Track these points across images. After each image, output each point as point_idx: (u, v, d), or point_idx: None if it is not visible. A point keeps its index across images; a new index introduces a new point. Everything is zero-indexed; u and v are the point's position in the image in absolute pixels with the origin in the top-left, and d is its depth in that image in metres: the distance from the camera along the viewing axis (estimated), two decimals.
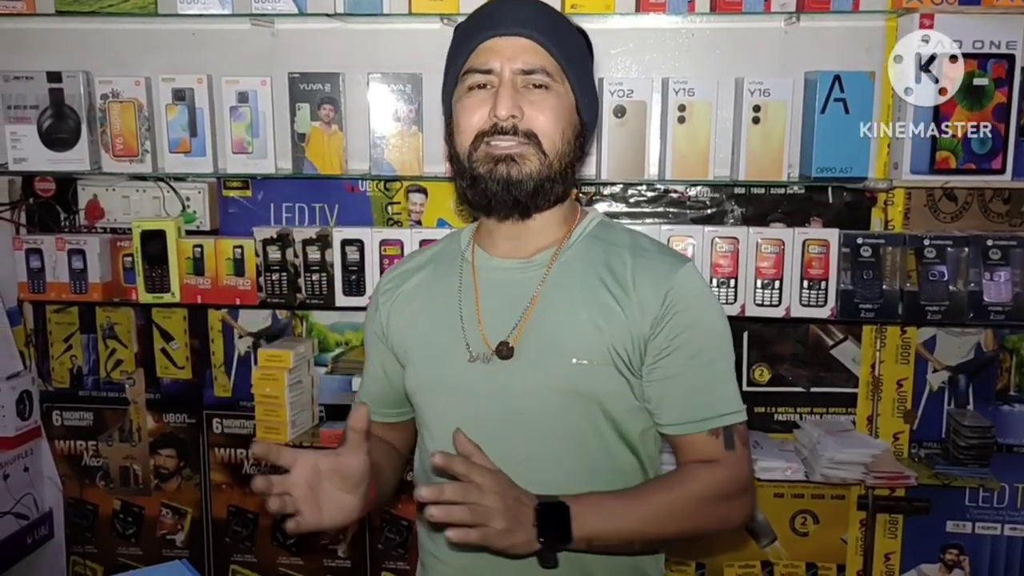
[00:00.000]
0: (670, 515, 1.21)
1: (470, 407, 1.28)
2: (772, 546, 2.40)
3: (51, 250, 2.30)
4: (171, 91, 2.20)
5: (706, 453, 1.25)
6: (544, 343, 1.25)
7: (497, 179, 1.22)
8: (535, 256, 1.32)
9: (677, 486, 1.23)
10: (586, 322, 1.25)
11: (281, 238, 2.23)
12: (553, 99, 1.23)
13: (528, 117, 1.22)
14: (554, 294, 1.28)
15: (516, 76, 1.22)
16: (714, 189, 2.27)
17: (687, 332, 1.24)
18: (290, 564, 2.58)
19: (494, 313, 1.30)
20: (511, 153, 1.22)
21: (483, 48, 1.23)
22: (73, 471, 2.61)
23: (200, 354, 2.52)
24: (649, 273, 1.26)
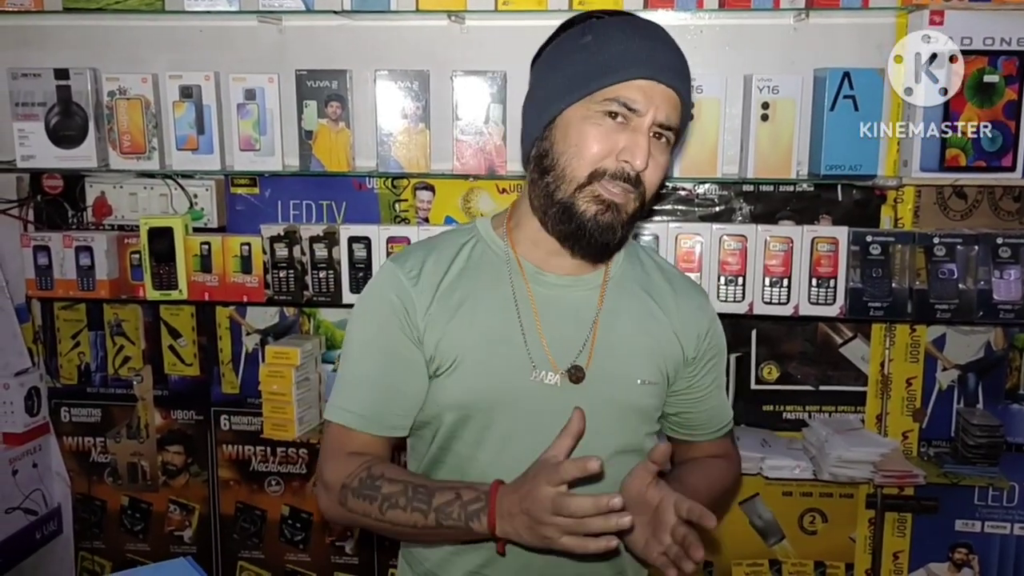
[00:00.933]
0: (706, 492, 1.34)
1: (534, 425, 1.25)
2: (780, 544, 2.39)
3: (59, 247, 2.31)
4: (178, 88, 2.20)
5: (719, 451, 1.48)
6: (612, 365, 1.29)
7: (600, 224, 1.21)
8: (584, 275, 1.32)
9: (714, 477, 1.42)
10: (647, 344, 1.33)
11: (288, 235, 2.23)
12: (667, 156, 1.25)
13: (647, 170, 1.21)
14: (615, 315, 1.32)
15: (654, 127, 1.20)
16: (722, 187, 2.26)
17: (716, 357, 1.43)
18: (298, 561, 2.59)
19: (556, 330, 1.29)
20: (617, 201, 1.21)
21: (638, 85, 1.18)
22: (81, 467, 2.62)
23: (208, 351, 2.52)
24: (689, 293, 1.41)
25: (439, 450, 1.32)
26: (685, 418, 1.45)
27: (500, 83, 2.14)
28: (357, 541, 2.55)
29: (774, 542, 2.39)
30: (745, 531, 2.38)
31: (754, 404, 2.35)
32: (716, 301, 2.11)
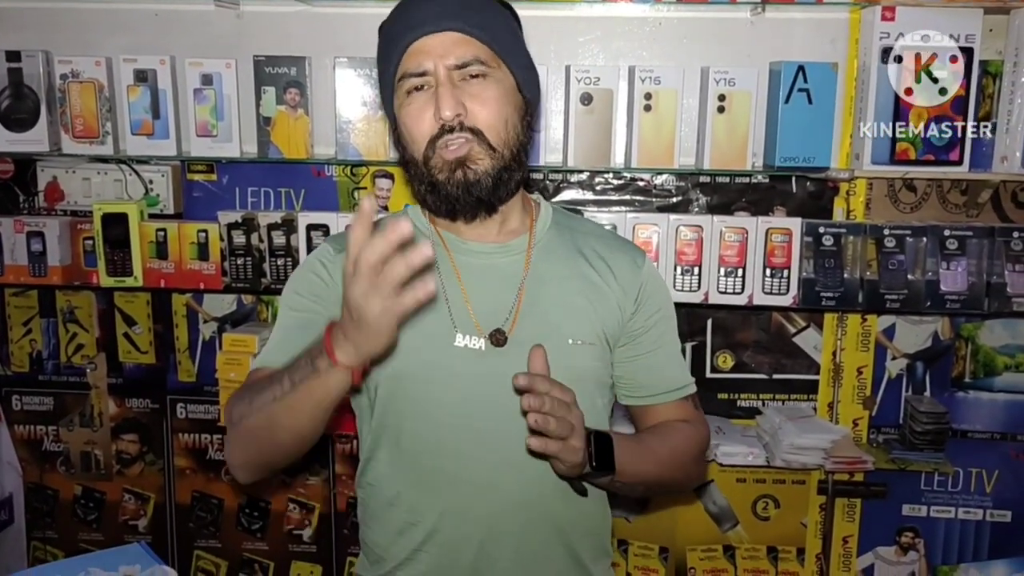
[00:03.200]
0: (673, 463, 1.36)
1: (459, 391, 1.29)
2: (734, 530, 2.44)
3: (9, 232, 2.26)
4: (133, 72, 2.16)
5: (680, 415, 1.43)
6: (540, 327, 1.30)
7: (456, 184, 1.25)
8: (510, 241, 1.36)
9: (677, 438, 1.39)
10: (579, 304, 1.34)
11: (246, 222, 2.21)
12: (493, 87, 1.24)
13: (471, 112, 1.23)
14: (542, 279, 1.34)
15: (452, 72, 1.22)
16: (680, 178, 2.29)
17: (657, 312, 1.41)
18: (255, 549, 2.58)
19: (482, 297, 1.32)
20: (461, 156, 1.23)
21: (412, 50, 1.24)
22: (33, 456, 2.58)
23: (164, 339, 2.49)
24: (622, 254, 1.41)
25: (377, 424, 1.34)
26: (632, 380, 1.42)
27: None
28: (315, 529, 2.54)
29: (728, 528, 2.43)
30: (699, 517, 2.42)
31: (709, 392, 2.38)
32: (673, 291, 2.13)
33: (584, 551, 1.39)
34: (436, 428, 1.29)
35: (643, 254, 1.45)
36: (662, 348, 1.42)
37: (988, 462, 2.38)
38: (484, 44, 1.23)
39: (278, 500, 2.55)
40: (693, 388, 1.46)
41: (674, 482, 1.42)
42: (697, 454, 1.42)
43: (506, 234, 1.36)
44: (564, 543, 1.35)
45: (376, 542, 1.39)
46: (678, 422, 1.42)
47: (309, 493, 2.53)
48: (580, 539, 1.37)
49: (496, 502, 1.31)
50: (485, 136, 1.24)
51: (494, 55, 1.25)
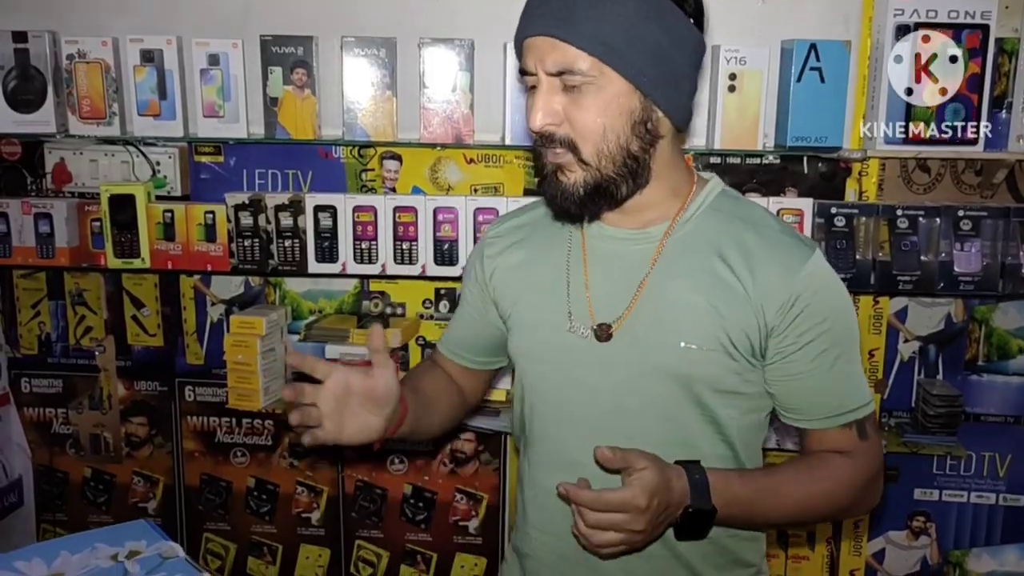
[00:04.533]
0: (802, 506, 1.23)
1: (566, 377, 1.28)
2: None
3: (17, 214, 2.26)
4: (139, 52, 2.15)
5: (840, 445, 1.24)
6: (652, 327, 1.22)
7: (551, 187, 1.20)
8: (649, 228, 1.26)
9: (815, 476, 1.24)
10: (701, 306, 1.21)
11: (253, 204, 2.20)
12: (592, 96, 1.14)
13: (568, 121, 1.15)
14: (668, 274, 1.23)
15: (552, 78, 1.15)
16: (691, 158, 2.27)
17: (818, 327, 1.20)
18: (264, 532, 2.58)
19: (602, 285, 1.27)
20: (558, 163, 1.18)
21: (524, 47, 1.18)
22: (42, 439, 2.59)
23: (172, 321, 2.49)
24: (776, 256, 1.20)
25: (519, 395, 1.39)
26: (784, 398, 1.25)
27: (468, 51, 2.12)
28: (324, 513, 2.54)
29: None
30: None
31: None
32: None
33: (697, 558, 1.28)
34: (549, 410, 1.31)
35: (808, 257, 1.20)
36: (820, 369, 1.21)
37: (1001, 446, 2.36)
38: (582, 51, 1.12)
39: (286, 483, 2.55)
40: (860, 414, 1.24)
41: (817, 518, 1.40)
42: (849, 488, 1.24)
43: (645, 219, 1.26)
44: (668, 548, 1.26)
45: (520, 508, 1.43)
46: (831, 454, 1.24)
47: (317, 476, 2.53)
48: (690, 546, 1.26)
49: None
50: (579, 149, 1.16)
51: (595, 61, 1.13)
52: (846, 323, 1.23)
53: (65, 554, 1.10)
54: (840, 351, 1.22)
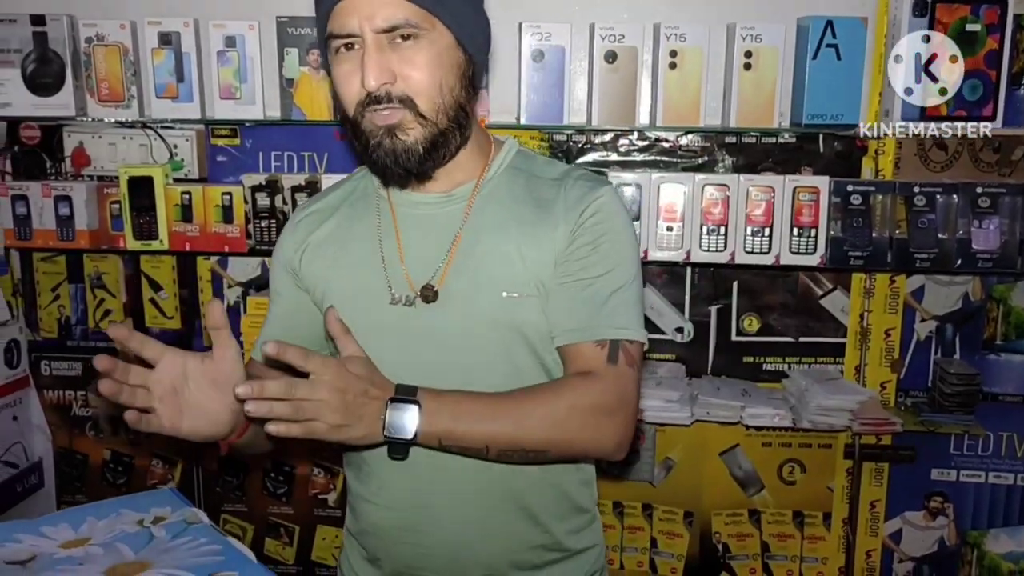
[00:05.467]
0: (533, 421, 1.15)
1: (396, 350, 1.24)
2: (759, 495, 2.42)
3: (37, 197, 2.28)
4: (157, 35, 2.17)
5: (588, 365, 1.20)
6: (473, 279, 1.22)
7: (385, 152, 1.18)
8: (455, 190, 1.28)
9: (546, 392, 1.19)
10: (513, 254, 1.23)
11: (270, 184, 2.21)
12: (425, 50, 1.15)
13: (401, 78, 1.15)
14: (479, 228, 1.26)
15: (379, 36, 1.14)
16: (705, 138, 2.26)
17: (588, 246, 1.23)
18: (280, 513, 2.60)
19: (417, 251, 1.27)
20: (391, 124, 1.17)
21: (339, 10, 1.15)
22: (62, 421, 2.61)
23: (189, 304, 2.51)
24: (572, 195, 1.25)
25: None
26: (552, 314, 1.24)
27: None
28: (340, 494, 2.56)
29: (753, 492, 2.42)
30: (725, 481, 2.41)
31: (735, 355, 2.36)
32: (699, 251, 2.12)
33: (540, 507, 1.30)
34: None
35: (601, 186, 1.27)
36: (592, 283, 1.22)
37: (1020, 426, 2.35)
38: (413, 3, 1.13)
39: (303, 465, 2.56)
40: (622, 334, 1.21)
41: (549, 443, 1.18)
42: (581, 407, 1.17)
43: (451, 183, 1.28)
44: (510, 496, 1.28)
45: (350, 488, 1.39)
46: (573, 375, 1.21)
47: (333, 458, 2.54)
48: (534, 495, 1.29)
49: (432, 459, 1.24)
50: (416, 104, 1.16)
51: (426, 14, 1.14)
52: (621, 250, 1.24)
53: (91, 520, 1.10)
54: (606, 272, 1.22)
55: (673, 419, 2.20)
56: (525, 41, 2.09)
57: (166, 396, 1.11)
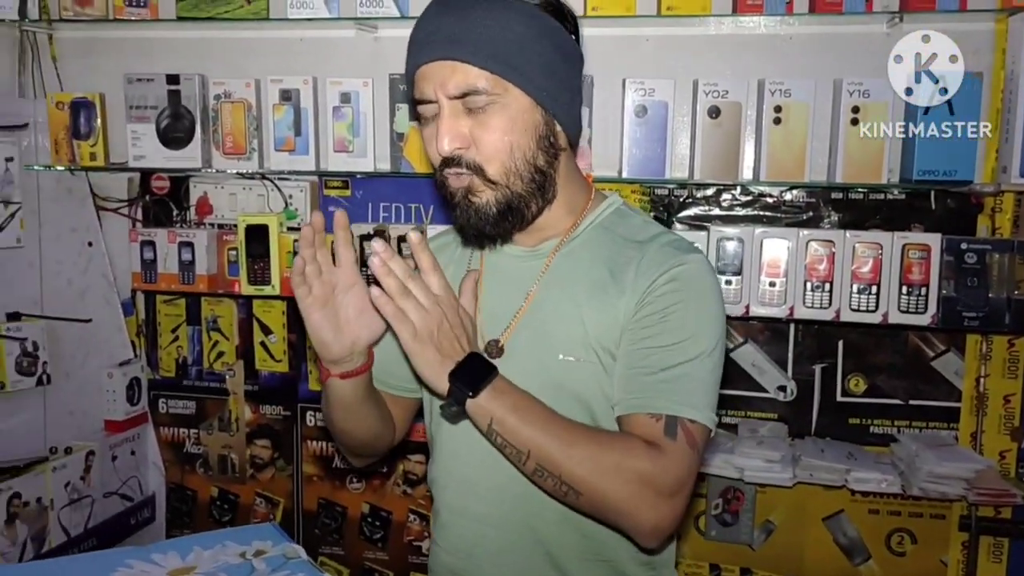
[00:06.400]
0: (579, 453, 1.11)
1: None
2: (866, 564, 2.31)
3: (163, 242, 2.43)
4: (278, 92, 2.30)
5: (645, 436, 1.13)
6: (534, 338, 1.22)
7: (461, 213, 1.21)
8: (540, 245, 1.28)
9: (605, 437, 1.15)
10: (575, 316, 1.22)
11: (377, 234, 2.29)
12: (497, 114, 1.16)
13: (474, 143, 1.17)
14: (551, 286, 1.25)
15: (454, 101, 1.16)
16: (810, 194, 2.23)
17: (660, 313, 1.17)
18: (376, 559, 2.63)
19: (493, 304, 1.28)
20: (464, 186, 1.19)
21: (418, 77, 1.19)
22: (175, 457, 2.73)
23: (297, 348, 2.60)
24: (654, 259, 1.21)
25: (428, 410, 1.40)
26: (613, 379, 1.21)
27: (587, 87, 2.17)
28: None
29: (860, 562, 2.31)
30: (828, 549, 2.31)
31: (840, 416, 2.29)
32: (802, 307, 2.08)
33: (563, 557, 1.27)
34: (447, 435, 1.32)
35: (686, 254, 1.21)
36: (654, 353, 1.17)
37: None
38: (484, 70, 1.14)
39: (399, 510, 2.59)
40: (683, 412, 1.14)
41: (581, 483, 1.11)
42: (629, 469, 1.10)
43: (540, 238, 1.28)
44: (553, 565, 1.26)
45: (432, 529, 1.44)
46: (639, 438, 1.14)
47: (430, 505, 2.56)
48: (577, 564, 1.27)
49: (483, 506, 1.28)
50: (484, 170, 1.17)
51: (498, 79, 1.15)
52: (694, 322, 1.17)
53: (198, 549, 1.14)
54: (674, 344, 1.16)
55: (774, 480, 2.14)
56: (628, 96, 2.13)
57: (325, 284, 1.21)
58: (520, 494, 1.24)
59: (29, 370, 2.51)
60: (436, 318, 1.10)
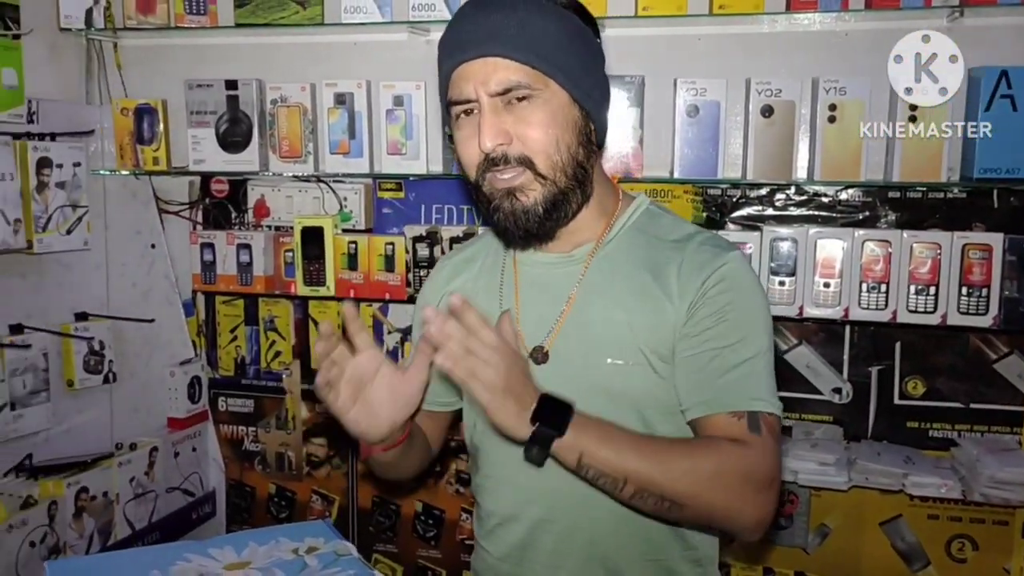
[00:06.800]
0: (677, 470, 1.12)
1: None
2: (925, 571, 2.26)
3: (222, 245, 2.49)
4: (333, 96, 2.34)
5: (729, 435, 1.16)
6: (580, 343, 1.23)
7: (505, 214, 1.21)
8: (575, 251, 1.29)
9: (696, 446, 1.17)
10: (622, 321, 1.23)
11: (430, 236, 2.32)
12: (540, 109, 1.18)
13: (518, 139, 1.18)
14: (592, 291, 1.27)
15: (495, 99, 1.17)
16: (866, 193, 2.19)
17: (719, 314, 1.20)
18: (429, 557, 2.65)
19: (533, 311, 1.29)
20: (511, 187, 1.19)
21: (456, 77, 1.20)
22: (235, 454, 2.79)
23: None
24: (696, 260, 1.24)
25: (468, 436, 1.42)
26: (679, 386, 1.23)
27: (638, 87, 2.17)
28: None
29: (918, 568, 2.27)
30: (886, 554, 2.27)
31: (898, 420, 2.24)
32: (857, 308, 2.05)
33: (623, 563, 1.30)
34: (494, 446, 1.32)
35: (726, 252, 1.24)
36: (720, 353, 1.19)
37: None
38: (526, 65, 1.17)
39: (452, 509, 2.61)
40: (759, 407, 1.17)
41: (688, 498, 1.12)
42: (728, 473, 1.13)
43: (573, 242, 1.29)
44: (607, 568, 1.28)
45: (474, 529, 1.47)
46: (721, 438, 1.17)
47: None
48: (631, 566, 1.28)
49: (537, 510, 1.30)
50: (534, 163, 1.18)
51: (540, 74, 1.17)
52: (749, 319, 1.21)
53: (253, 545, 1.19)
54: (736, 342, 1.19)
55: (828, 483, 2.11)
56: (680, 96, 2.12)
57: (351, 382, 1.18)
58: (575, 496, 1.25)
59: (96, 368, 2.60)
60: (504, 368, 1.08)
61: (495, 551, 1.36)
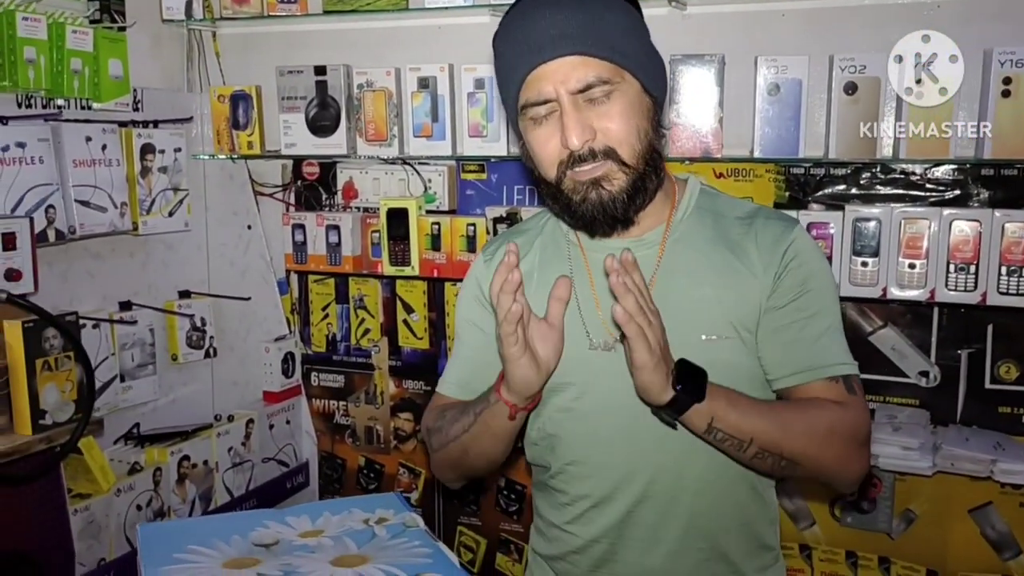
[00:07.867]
0: (796, 429, 1.22)
1: (599, 393, 1.30)
2: (1017, 560, 2.19)
3: (312, 225, 2.59)
4: (416, 80, 2.40)
5: (829, 396, 1.26)
6: (670, 324, 1.22)
7: (591, 205, 1.24)
8: (645, 235, 1.32)
9: (808, 407, 1.26)
10: (710, 297, 1.28)
11: (510, 216, 2.36)
12: (619, 102, 1.21)
13: (601, 133, 1.20)
14: (673, 272, 1.29)
15: (576, 96, 1.19)
16: (958, 171, 2.12)
17: (798, 288, 1.28)
18: (511, 531, 2.71)
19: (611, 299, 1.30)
20: (596, 177, 1.22)
21: (532, 79, 1.21)
22: (326, 427, 2.91)
23: (437, 326, 2.71)
24: (769, 235, 1.31)
25: (539, 425, 1.39)
26: (771, 359, 1.29)
27: (719, 66, 2.14)
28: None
29: (1009, 557, 2.20)
30: (975, 541, 2.21)
31: (989, 404, 2.17)
32: (944, 290, 1.99)
33: (731, 545, 1.34)
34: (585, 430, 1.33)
35: (793, 226, 1.32)
36: (807, 323, 1.27)
37: None
38: (604, 59, 1.19)
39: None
40: (849, 370, 1.28)
41: (804, 456, 1.24)
42: (839, 432, 1.24)
43: (642, 228, 1.32)
44: (704, 535, 1.32)
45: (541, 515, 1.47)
46: (824, 400, 1.26)
47: None
48: (725, 532, 1.33)
49: (631, 494, 1.32)
50: (618, 154, 1.21)
51: (616, 68, 1.20)
52: (826, 289, 1.31)
53: (327, 514, 1.24)
54: (818, 311, 1.28)
55: (911, 468, 2.07)
56: (760, 74, 2.09)
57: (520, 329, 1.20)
58: (672, 470, 1.30)
59: (198, 344, 2.74)
60: (659, 332, 1.15)
61: (585, 534, 1.37)
